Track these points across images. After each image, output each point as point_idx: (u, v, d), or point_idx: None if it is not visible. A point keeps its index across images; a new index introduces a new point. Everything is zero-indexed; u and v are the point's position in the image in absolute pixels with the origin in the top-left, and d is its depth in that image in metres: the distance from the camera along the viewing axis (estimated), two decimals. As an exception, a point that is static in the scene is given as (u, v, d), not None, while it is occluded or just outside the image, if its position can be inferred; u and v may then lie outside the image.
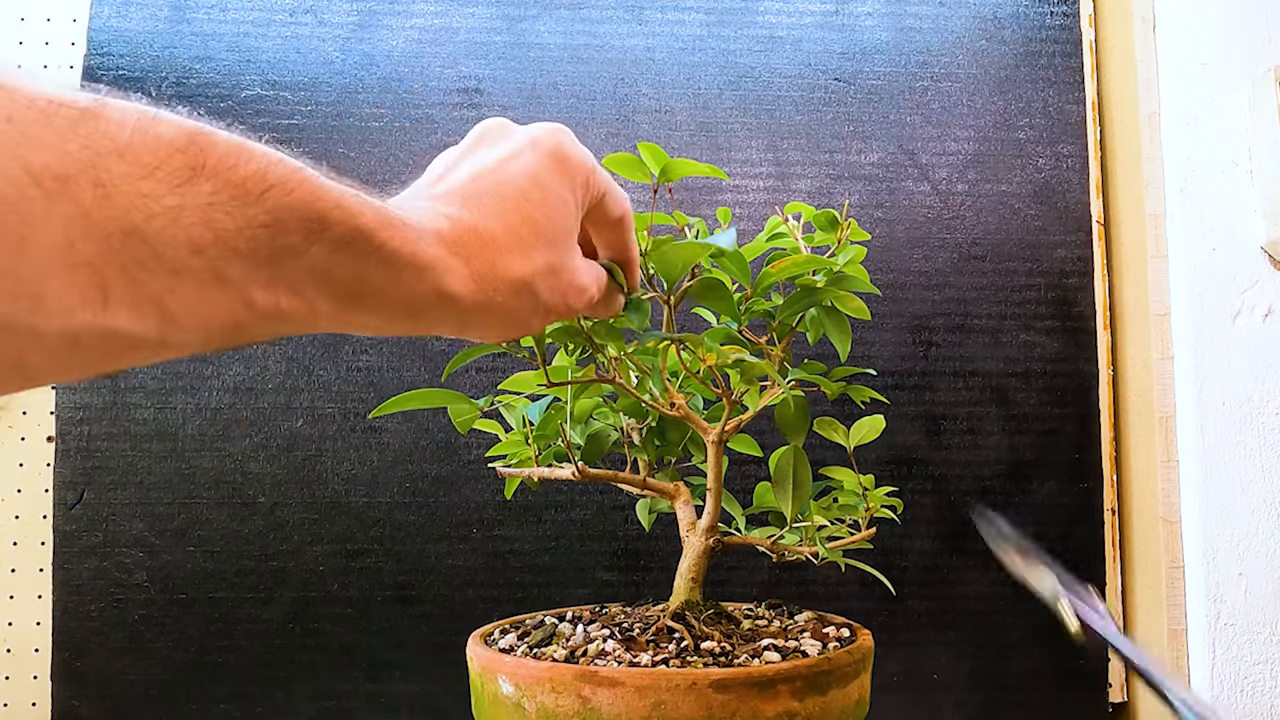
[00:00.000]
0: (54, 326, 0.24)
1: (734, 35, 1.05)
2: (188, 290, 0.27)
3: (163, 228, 0.26)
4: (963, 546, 1.01)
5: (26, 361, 0.25)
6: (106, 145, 0.25)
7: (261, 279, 0.29)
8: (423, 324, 0.36)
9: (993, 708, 1.00)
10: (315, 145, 1.00)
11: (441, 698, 0.96)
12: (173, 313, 0.27)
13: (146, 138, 0.26)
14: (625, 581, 0.98)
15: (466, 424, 0.61)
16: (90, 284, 0.24)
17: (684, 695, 0.49)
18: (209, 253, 0.27)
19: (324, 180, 0.31)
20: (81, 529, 0.96)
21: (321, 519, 0.98)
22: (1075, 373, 1.03)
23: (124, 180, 0.25)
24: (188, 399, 0.98)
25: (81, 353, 0.25)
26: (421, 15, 1.04)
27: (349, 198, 0.31)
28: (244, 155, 0.28)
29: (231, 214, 0.27)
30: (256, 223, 0.28)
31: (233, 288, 0.28)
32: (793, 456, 0.60)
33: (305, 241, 0.30)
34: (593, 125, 1.03)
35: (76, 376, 0.27)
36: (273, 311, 0.30)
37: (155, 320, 0.26)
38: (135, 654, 0.95)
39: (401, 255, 0.33)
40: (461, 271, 0.36)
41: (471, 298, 0.37)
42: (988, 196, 1.04)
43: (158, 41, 1.01)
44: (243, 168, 0.28)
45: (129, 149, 0.25)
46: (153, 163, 0.26)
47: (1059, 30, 1.07)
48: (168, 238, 0.26)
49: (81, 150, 0.24)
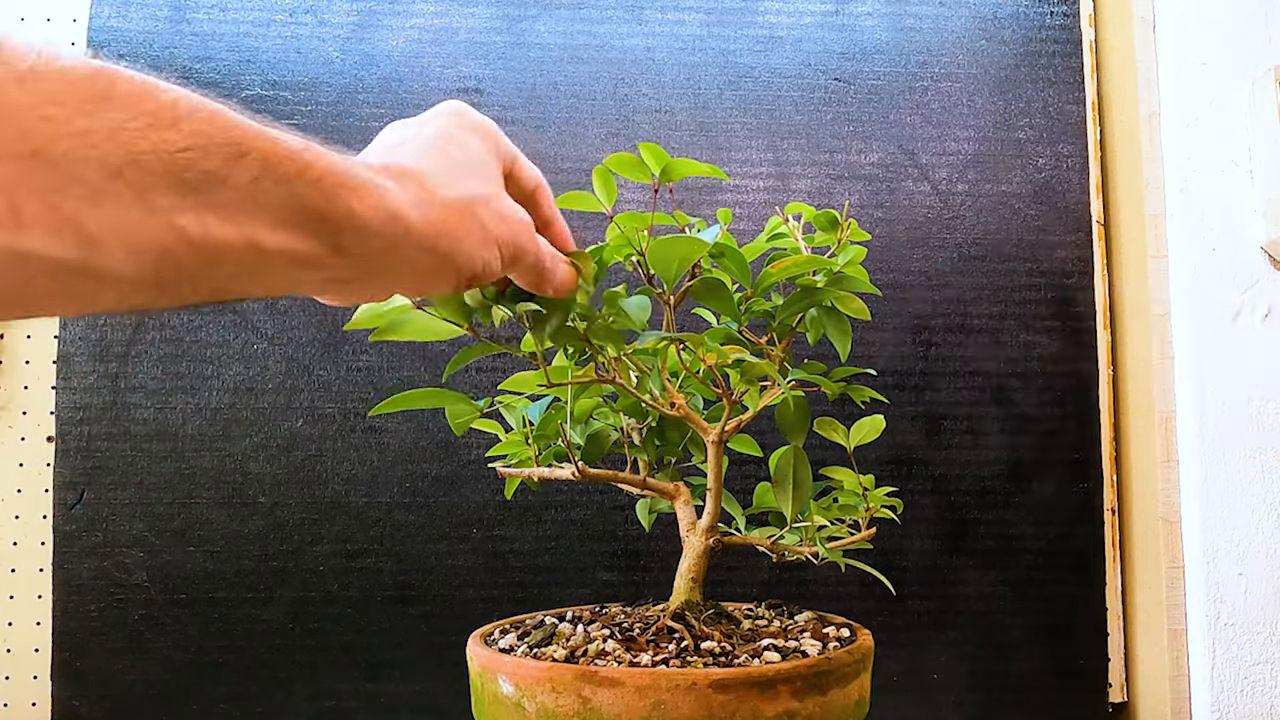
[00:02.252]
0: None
1: (734, 35, 1.05)
2: (108, 212, 0.27)
3: (70, 149, 0.26)
4: (963, 546, 1.01)
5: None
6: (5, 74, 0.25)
7: (188, 205, 0.29)
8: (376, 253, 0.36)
9: (993, 708, 1.00)
10: (315, 145, 1.00)
11: (441, 698, 0.96)
12: (92, 234, 0.27)
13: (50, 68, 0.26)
14: (625, 581, 0.98)
15: (463, 425, 0.61)
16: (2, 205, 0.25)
17: (684, 695, 0.49)
18: (127, 174, 0.28)
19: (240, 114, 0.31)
20: (81, 529, 0.96)
21: (321, 519, 0.98)
22: (1075, 373, 1.03)
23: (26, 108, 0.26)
24: (188, 399, 0.98)
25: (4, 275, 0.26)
26: (421, 15, 1.04)
27: (268, 129, 0.32)
28: (155, 87, 0.29)
29: (146, 136, 0.28)
30: (174, 146, 0.29)
31: (159, 212, 0.29)
32: (793, 456, 0.60)
33: (226, 166, 0.30)
34: (593, 125, 1.03)
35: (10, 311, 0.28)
36: (206, 241, 0.30)
37: (74, 241, 0.27)
38: (135, 654, 0.95)
39: (333, 174, 0.33)
40: (396, 190, 0.37)
41: (413, 217, 0.37)
42: (988, 196, 1.04)
43: (158, 41, 1.01)
44: (154, 99, 0.29)
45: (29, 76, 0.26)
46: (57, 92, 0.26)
47: (1059, 30, 1.07)
48: (78, 158, 0.26)
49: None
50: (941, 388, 1.02)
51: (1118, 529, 1.02)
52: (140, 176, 0.28)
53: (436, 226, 0.38)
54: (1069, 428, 1.02)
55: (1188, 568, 0.94)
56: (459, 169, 0.41)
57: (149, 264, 0.29)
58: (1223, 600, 0.92)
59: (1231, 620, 0.91)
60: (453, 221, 0.39)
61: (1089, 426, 1.02)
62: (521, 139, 1.03)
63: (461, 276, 0.41)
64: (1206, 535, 0.92)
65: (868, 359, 1.01)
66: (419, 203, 0.38)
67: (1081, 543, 1.01)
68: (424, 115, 0.44)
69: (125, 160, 0.28)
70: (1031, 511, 1.01)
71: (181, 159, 0.29)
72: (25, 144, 0.26)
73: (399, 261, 0.37)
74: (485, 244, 0.41)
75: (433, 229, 0.38)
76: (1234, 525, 0.92)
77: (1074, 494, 1.01)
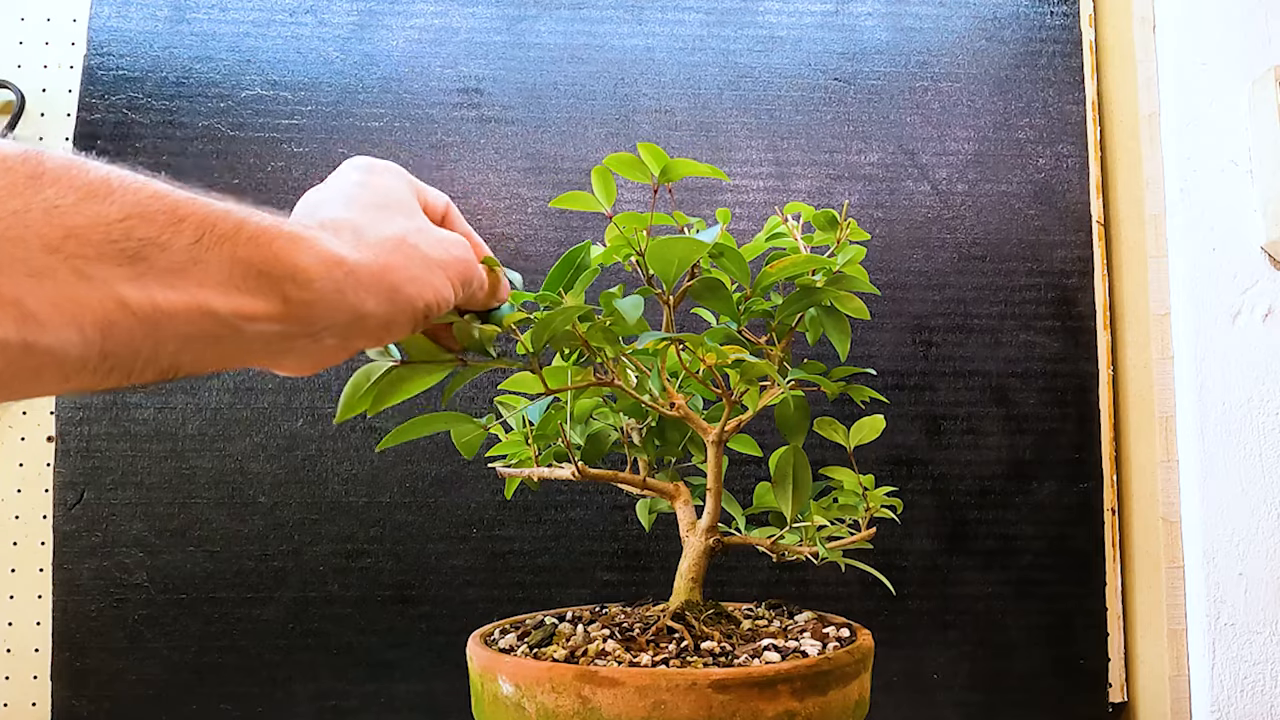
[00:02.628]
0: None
1: (734, 35, 1.05)
2: (48, 289, 0.27)
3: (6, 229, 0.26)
4: (963, 546, 1.01)
5: None
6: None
7: (130, 274, 0.29)
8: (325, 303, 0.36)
9: (993, 708, 1.00)
10: (315, 145, 1.01)
11: (441, 698, 0.96)
12: (33, 311, 0.27)
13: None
14: (625, 581, 0.98)
15: (471, 446, 0.61)
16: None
17: (684, 695, 0.49)
18: (65, 248, 0.28)
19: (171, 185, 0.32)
20: (81, 529, 0.96)
21: (321, 519, 0.98)
22: (1075, 373, 1.03)
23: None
24: (188, 399, 0.98)
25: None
26: (421, 15, 1.04)
27: (199, 196, 0.32)
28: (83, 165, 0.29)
29: (81, 210, 0.28)
30: (110, 218, 0.29)
31: (100, 284, 0.28)
32: (793, 456, 0.60)
33: (165, 231, 0.30)
34: (593, 125, 1.03)
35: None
36: (153, 310, 0.30)
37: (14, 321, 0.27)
38: (135, 654, 0.95)
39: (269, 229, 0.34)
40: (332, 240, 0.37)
41: (354, 260, 0.37)
42: (988, 196, 1.04)
43: (158, 41, 1.01)
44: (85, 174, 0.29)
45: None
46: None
47: (1059, 30, 1.07)
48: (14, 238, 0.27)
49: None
50: (941, 388, 1.02)
51: (1118, 529, 1.02)
52: (79, 248, 0.28)
53: (380, 263, 0.38)
54: (1069, 428, 1.02)
55: (1188, 568, 0.94)
56: (383, 211, 0.41)
57: (94, 339, 0.29)
58: (1223, 600, 0.92)
59: (1231, 620, 0.91)
60: (393, 258, 0.39)
61: (1089, 426, 1.02)
62: (521, 139, 1.03)
63: (417, 311, 0.40)
64: (1206, 535, 0.92)
65: (868, 359, 1.01)
66: (356, 245, 0.38)
67: (1081, 543, 1.01)
68: (331, 176, 0.44)
69: (62, 235, 0.27)
70: (1031, 511, 1.01)
71: (119, 228, 0.29)
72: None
73: (349, 308, 0.37)
74: (430, 271, 0.41)
75: (376, 266, 0.38)
76: (1234, 525, 0.92)
77: (1074, 494, 1.01)
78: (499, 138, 1.03)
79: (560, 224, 1.01)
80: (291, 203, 0.42)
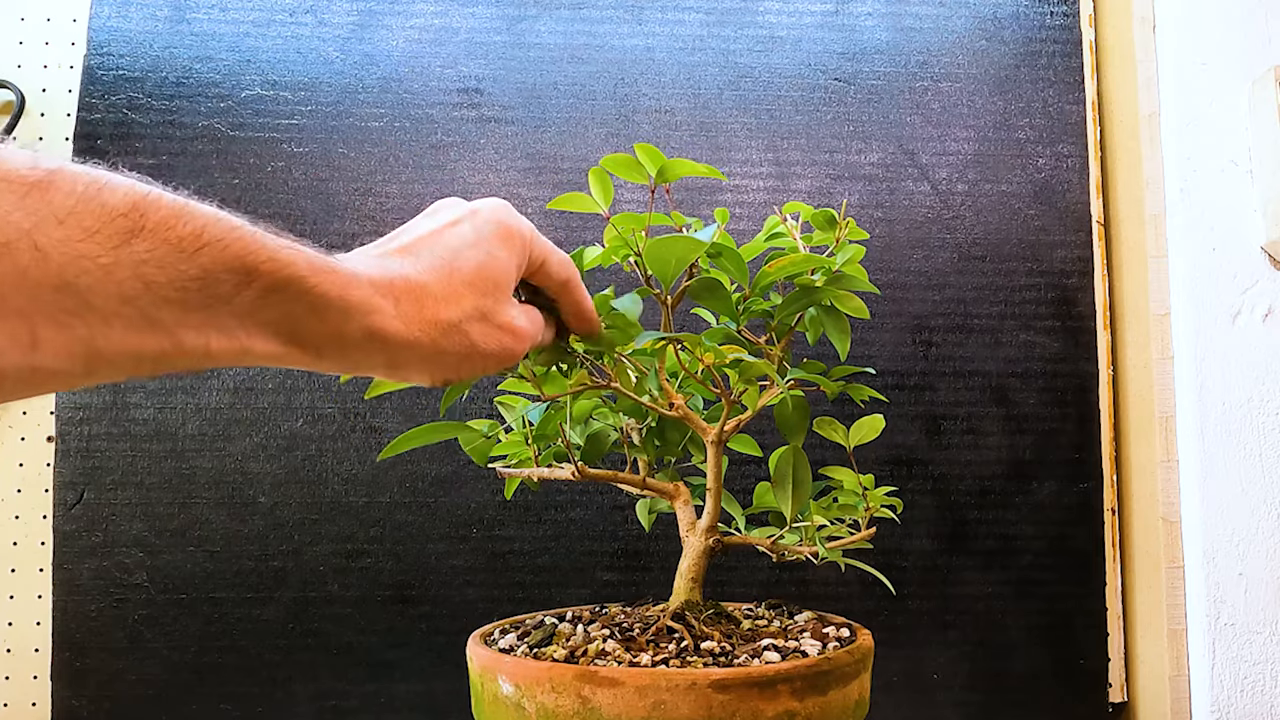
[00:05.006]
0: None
1: (734, 35, 1.05)
2: (117, 334, 0.31)
3: (94, 282, 0.29)
4: (963, 546, 1.01)
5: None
6: (48, 213, 0.28)
7: (192, 322, 0.33)
8: (353, 360, 0.40)
9: (993, 708, 1.00)
10: (315, 145, 1.01)
11: (441, 698, 0.96)
12: (100, 350, 0.30)
13: (90, 205, 0.29)
14: (625, 581, 0.98)
15: (482, 452, 0.61)
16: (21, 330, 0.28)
17: (684, 695, 0.49)
18: (139, 302, 0.31)
19: (261, 235, 0.34)
20: (81, 529, 0.96)
21: (321, 519, 0.98)
22: (1075, 373, 1.03)
23: (62, 243, 0.29)
24: (188, 399, 0.98)
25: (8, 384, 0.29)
26: (421, 15, 1.04)
27: (283, 250, 0.35)
28: (185, 216, 0.32)
29: (164, 269, 0.31)
30: (188, 276, 0.32)
31: (163, 330, 0.32)
32: (792, 456, 0.60)
33: (234, 290, 0.33)
34: (593, 125, 1.03)
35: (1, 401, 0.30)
36: (202, 350, 0.34)
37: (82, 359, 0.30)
38: (135, 654, 0.95)
39: (329, 297, 0.37)
40: (389, 312, 0.40)
41: (398, 336, 0.40)
42: (988, 196, 1.04)
43: (158, 41, 1.01)
44: (181, 228, 0.32)
45: (71, 215, 0.29)
46: (93, 226, 0.29)
47: (1059, 30, 1.07)
48: (99, 290, 0.30)
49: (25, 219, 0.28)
50: (941, 388, 1.02)
51: (1118, 529, 1.02)
52: (151, 301, 0.31)
53: (422, 345, 0.41)
54: (1069, 428, 1.02)
55: (1188, 568, 0.94)
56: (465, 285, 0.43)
57: (146, 366, 0.32)
58: (1223, 600, 0.92)
59: (1231, 620, 0.91)
60: (438, 343, 0.42)
61: (1089, 426, 1.02)
62: (521, 139, 1.03)
63: (436, 381, 0.44)
64: (1206, 535, 0.92)
65: (867, 359, 1.01)
66: (408, 318, 0.40)
67: (1081, 543, 1.01)
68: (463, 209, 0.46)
69: (141, 289, 0.31)
70: (1031, 511, 1.01)
71: (194, 284, 0.32)
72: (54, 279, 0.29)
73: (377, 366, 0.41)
74: (467, 359, 0.44)
75: (417, 346, 0.41)
76: (1234, 525, 0.92)
77: (1074, 494, 1.01)
78: (499, 138, 1.03)
79: (560, 224, 1.01)
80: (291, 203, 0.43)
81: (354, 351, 0.39)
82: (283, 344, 0.36)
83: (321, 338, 0.37)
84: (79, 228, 0.29)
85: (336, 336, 0.38)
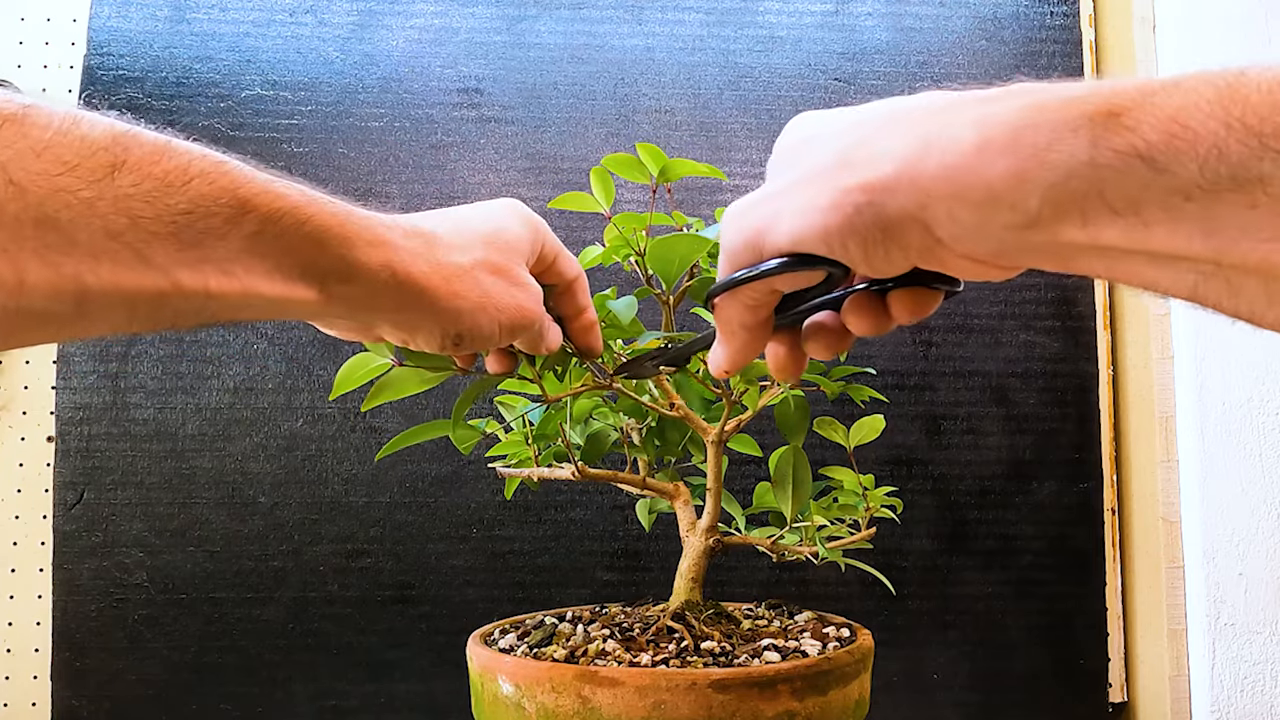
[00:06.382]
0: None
1: (734, 35, 1.05)
2: (106, 270, 0.30)
3: (77, 216, 0.29)
4: (963, 546, 1.01)
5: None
6: (24, 146, 0.28)
7: (187, 260, 0.31)
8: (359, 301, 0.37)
9: (993, 708, 1.00)
10: (315, 145, 1.01)
11: (441, 698, 0.96)
12: (90, 289, 0.29)
13: (68, 138, 0.29)
14: (625, 581, 0.98)
15: (468, 445, 0.61)
16: (5, 268, 0.28)
17: (684, 695, 0.49)
18: (127, 237, 0.30)
19: (251, 170, 0.33)
20: (81, 529, 0.96)
21: (321, 519, 0.98)
22: (1075, 373, 1.03)
23: (40, 176, 0.28)
24: (188, 399, 0.98)
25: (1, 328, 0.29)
26: (421, 15, 1.04)
27: (274, 183, 0.34)
28: (169, 151, 0.31)
29: (151, 203, 0.30)
30: (177, 210, 0.31)
31: (156, 268, 0.31)
32: (793, 456, 0.60)
33: (227, 224, 0.32)
34: (593, 125, 1.03)
35: None
36: (201, 291, 0.32)
37: (72, 297, 0.29)
38: (135, 654, 0.95)
39: (327, 226, 0.35)
40: (395, 244, 0.38)
41: (405, 271, 0.38)
42: (988, 196, 1.04)
43: (158, 41, 1.01)
44: (166, 162, 0.31)
45: (48, 149, 0.28)
46: (72, 160, 0.28)
47: (1059, 30, 1.07)
48: (82, 225, 0.29)
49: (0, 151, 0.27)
50: (941, 388, 1.02)
51: (1118, 529, 1.02)
52: (140, 236, 0.30)
53: (429, 279, 0.39)
54: (1069, 428, 1.02)
55: (1188, 568, 0.94)
56: (478, 240, 0.42)
57: (143, 310, 0.31)
58: (1223, 600, 0.92)
59: (1231, 620, 0.91)
60: (451, 281, 0.40)
61: (1089, 426, 1.02)
62: (521, 139, 1.03)
63: (446, 332, 0.41)
64: (1206, 535, 0.92)
65: (867, 359, 1.01)
66: (416, 257, 0.39)
67: (1081, 543, 1.01)
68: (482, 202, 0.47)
69: (127, 224, 0.30)
70: (1031, 511, 1.01)
71: (183, 219, 0.31)
72: (37, 211, 0.28)
73: (386, 307, 0.39)
74: (481, 309, 0.42)
75: (423, 281, 0.39)
76: (1234, 525, 0.92)
77: (1074, 494, 1.01)
78: (499, 138, 1.03)
79: (560, 224, 1.01)
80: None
81: (359, 289, 0.37)
82: (285, 282, 0.34)
83: (324, 272, 0.35)
84: (57, 161, 0.28)
85: (341, 270, 0.36)
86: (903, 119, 0.31)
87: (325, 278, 0.36)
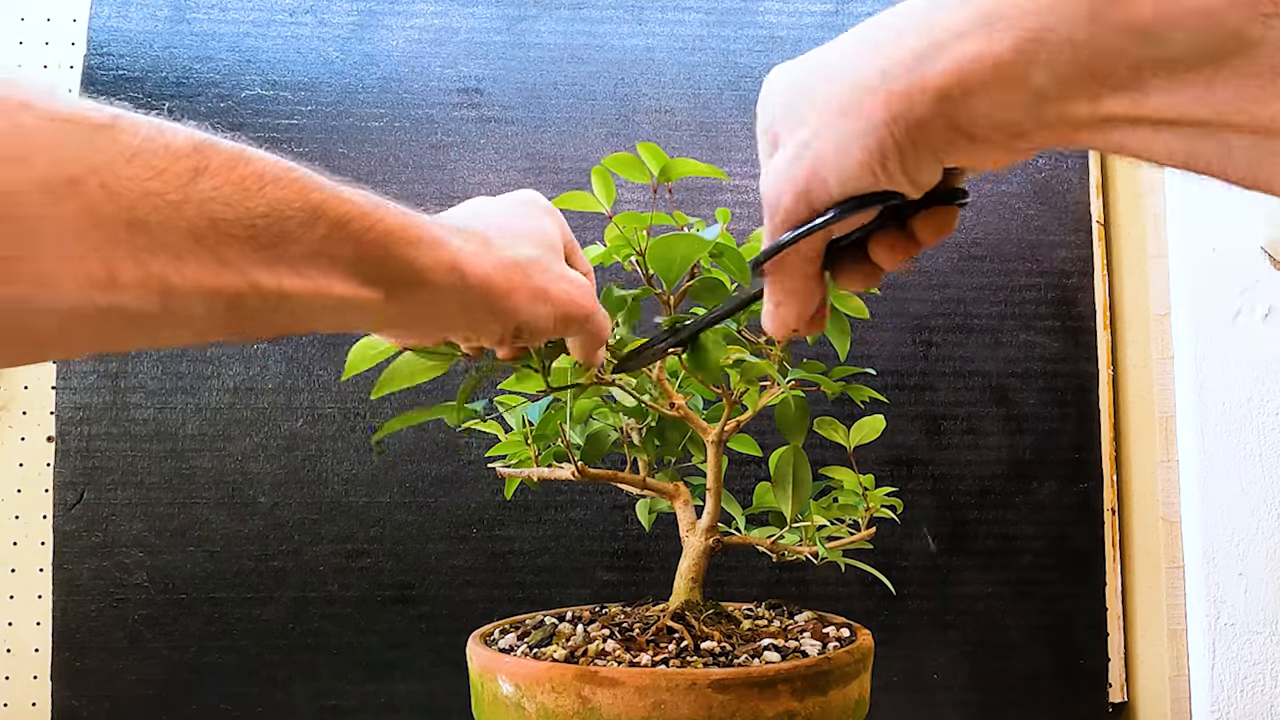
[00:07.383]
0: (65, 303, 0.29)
1: (734, 35, 1.05)
2: (190, 270, 0.31)
3: (165, 219, 0.30)
4: (963, 546, 1.01)
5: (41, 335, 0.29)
6: (115, 152, 0.29)
7: (263, 260, 0.33)
8: (427, 301, 0.39)
9: (993, 708, 1.00)
10: (315, 145, 1.01)
11: (441, 698, 0.96)
12: (175, 288, 0.31)
13: (155, 145, 0.30)
14: (625, 581, 0.98)
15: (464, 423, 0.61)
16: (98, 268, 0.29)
17: (684, 695, 0.49)
18: (209, 238, 0.31)
19: (318, 176, 0.35)
20: (81, 529, 0.96)
21: (321, 519, 0.98)
22: (1075, 373, 1.03)
23: (131, 181, 0.29)
24: (188, 399, 0.98)
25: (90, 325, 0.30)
26: (421, 15, 1.04)
27: (343, 190, 0.36)
28: (245, 158, 0.33)
29: (231, 206, 0.32)
30: (255, 213, 0.33)
31: (235, 269, 0.32)
32: (793, 456, 0.60)
33: (301, 228, 0.34)
34: (593, 125, 1.03)
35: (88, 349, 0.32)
36: (277, 290, 0.34)
37: (158, 296, 0.31)
38: (135, 654, 0.95)
39: (396, 231, 0.37)
40: (458, 245, 0.40)
41: (471, 268, 0.40)
42: (988, 196, 1.04)
43: (158, 41, 1.01)
44: (243, 168, 0.33)
45: (137, 155, 0.30)
46: (160, 165, 0.30)
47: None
48: (170, 227, 0.30)
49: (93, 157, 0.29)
50: (941, 388, 1.02)
51: (1118, 529, 1.02)
52: (220, 239, 0.32)
53: (492, 278, 0.42)
54: (1069, 428, 1.02)
55: (1188, 568, 0.94)
56: (522, 236, 0.45)
57: (221, 310, 0.33)
58: (1223, 600, 0.92)
59: (1231, 620, 0.91)
60: (511, 277, 0.42)
61: (1089, 426, 1.02)
62: (521, 139, 1.03)
63: (508, 327, 0.44)
64: (1206, 535, 0.92)
65: (868, 359, 1.01)
66: (478, 257, 0.41)
67: (1081, 543, 1.01)
68: (502, 196, 0.49)
69: (208, 225, 0.31)
70: (1031, 511, 1.01)
71: (261, 222, 0.33)
72: (129, 214, 0.29)
73: (450, 307, 0.41)
74: (537, 299, 0.44)
75: (487, 280, 0.41)
76: (1234, 525, 0.92)
77: (1074, 494, 1.01)
78: (499, 138, 1.03)
79: (560, 224, 1.01)
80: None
81: (426, 289, 0.39)
82: (357, 283, 0.36)
83: (394, 274, 0.37)
84: (146, 166, 0.30)
85: (409, 272, 0.38)
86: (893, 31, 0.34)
87: (393, 280, 0.38)
